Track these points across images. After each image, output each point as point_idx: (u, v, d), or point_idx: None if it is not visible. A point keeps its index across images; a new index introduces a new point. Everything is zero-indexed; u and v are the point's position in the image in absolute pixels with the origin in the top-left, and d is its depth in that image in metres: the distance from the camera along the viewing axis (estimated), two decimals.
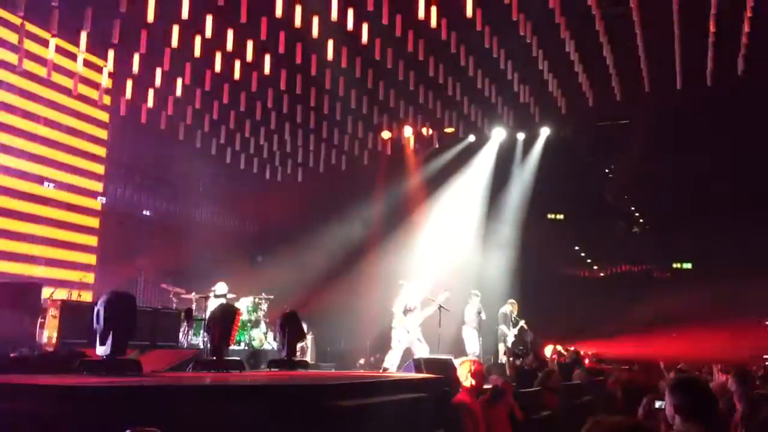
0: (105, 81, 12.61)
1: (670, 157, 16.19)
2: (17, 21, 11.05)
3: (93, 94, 13.09)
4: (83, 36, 10.80)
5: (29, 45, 11.38)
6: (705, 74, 12.53)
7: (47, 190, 12.77)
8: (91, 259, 13.20)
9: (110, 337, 5.90)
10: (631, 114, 15.60)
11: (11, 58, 11.58)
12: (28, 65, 11.75)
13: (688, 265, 20.21)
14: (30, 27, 11.26)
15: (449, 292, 12.13)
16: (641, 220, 20.57)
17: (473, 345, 12.85)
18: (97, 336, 5.98)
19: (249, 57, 11.55)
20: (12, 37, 11.43)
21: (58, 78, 12.33)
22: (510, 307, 13.76)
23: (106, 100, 13.20)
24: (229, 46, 11.18)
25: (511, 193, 17.27)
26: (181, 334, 10.50)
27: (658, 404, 6.01)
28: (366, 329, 14.19)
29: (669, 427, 3.83)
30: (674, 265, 20.36)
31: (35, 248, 12.36)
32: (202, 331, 10.70)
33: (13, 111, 12.27)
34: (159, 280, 12.42)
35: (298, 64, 11.79)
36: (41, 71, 11.89)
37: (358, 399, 5.40)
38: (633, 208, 20.34)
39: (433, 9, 10.46)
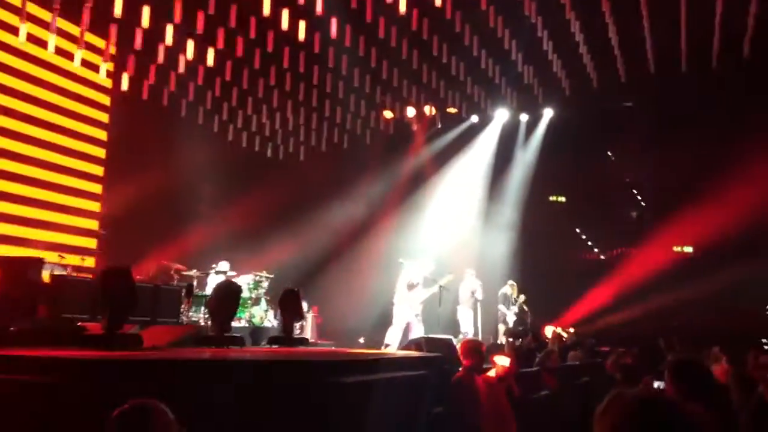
0: (106, 61, 12.55)
1: (673, 138, 16.09)
2: (18, 2, 10.98)
3: (93, 76, 13.04)
4: (86, 11, 10.73)
5: (30, 27, 11.31)
6: (711, 56, 12.45)
7: (50, 175, 12.77)
8: (91, 243, 13.23)
9: (109, 312, 5.92)
10: (636, 96, 15.51)
11: (11, 39, 11.53)
12: (29, 47, 11.72)
13: (689, 249, 20.21)
14: (31, 7, 11.17)
15: (453, 274, 12.18)
16: (643, 204, 20.52)
17: (467, 324, 12.92)
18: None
19: (251, 34, 11.47)
20: (12, 19, 11.34)
21: (58, 60, 12.28)
22: (509, 288, 13.81)
23: (107, 82, 13.13)
24: (232, 23, 11.10)
25: (513, 174, 17.23)
26: (181, 311, 10.53)
27: (656, 384, 6.04)
28: (366, 307, 14.24)
29: None
30: (675, 249, 20.35)
31: (36, 232, 12.37)
32: (202, 308, 10.76)
33: (14, 94, 12.23)
34: (161, 257, 12.44)
35: (301, 41, 11.72)
36: (42, 53, 11.85)
37: (357, 376, 5.42)
38: (635, 191, 20.29)
39: None
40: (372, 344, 12.74)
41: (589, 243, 20.26)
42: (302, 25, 11.31)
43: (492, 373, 6.53)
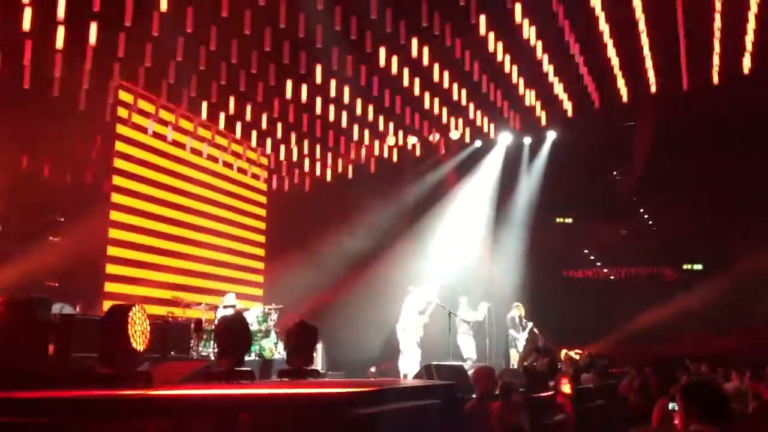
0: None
1: (678, 157, 16.11)
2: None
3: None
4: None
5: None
6: (711, 73, 12.50)
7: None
8: None
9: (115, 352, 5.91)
10: (638, 116, 15.55)
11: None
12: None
13: (698, 266, 20.10)
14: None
15: (491, 303, 12.24)
16: (650, 222, 20.47)
17: (469, 350, 12.76)
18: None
19: (253, 68, 11.58)
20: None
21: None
22: (517, 311, 13.70)
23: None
24: (233, 59, 11.21)
25: (518, 196, 17.23)
26: (190, 346, 10.51)
27: (671, 406, 5.98)
28: (376, 337, 14.19)
29: (684, 430, 3.80)
30: (685, 267, 20.25)
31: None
32: (211, 342, 10.72)
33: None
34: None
35: (302, 73, 11.82)
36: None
37: (371, 407, 5.38)
38: (642, 210, 20.24)
39: (437, 16, 10.48)
40: (382, 374, 12.68)
41: (599, 263, 20.18)
42: (303, 56, 11.42)
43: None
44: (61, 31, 9.66)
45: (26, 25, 9.29)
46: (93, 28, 9.77)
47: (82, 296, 11.26)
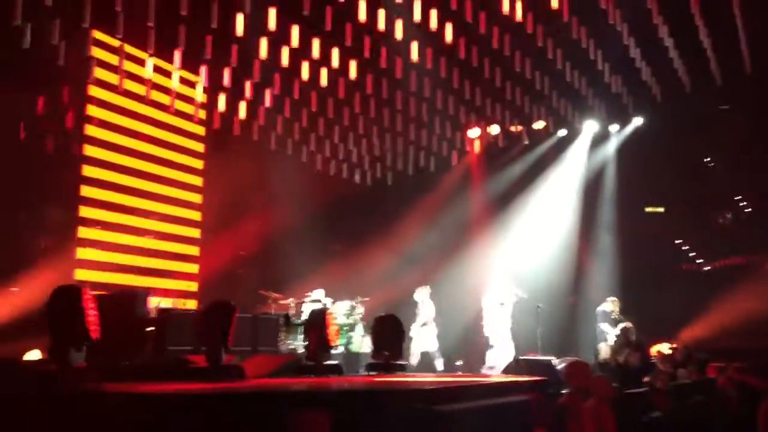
0: (199, 96, 13.11)
1: None
2: (116, 43, 11.61)
3: (189, 109, 13.60)
4: (177, 54, 11.23)
5: (128, 65, 11.94)
6: None
7: (151, 204, 13.36)
8: (194, 268, 13.67)
9: (211, 344, 6.07)
10: (732, 98, 14.84)
11: (112, 78, 12.19)
12: (128, 85, 12.36)
13: None
14: (128, 48, 11.80)
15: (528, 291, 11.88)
16: (747, 209, 19.52)
17: (496, 338, 12.04)
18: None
19: (335, 63, 11.68)
20: (112, 59, 12.00)
21: (156, 95, 12.90)
22: (611, 305, 13.30)
23: (201, 114, 13.66)
24: (316, 54, 11.34)
25: (606, 187, 16.73)
26: (279, 340, 10.70)
27: None
28: (461, 330, 14.09)
29: None
30: None
31: (141, 260, 12.93)
32: (299, 336, 10.91)
33: (117, 129, 12.89)
34: (258, 286, 12.72)
35: (383, 68, 11.84)
36: (140, 90, 12.48)
37: (457, 403, 5.33)
38: (739, 197, 19.32)
39: (518, 3, 10.30)
40: (467, 368, 12.60)
41: (692, 254, 19.39)
42: (383, 51, 11.43)
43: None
44: None
45: None
46: None
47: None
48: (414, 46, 11.30)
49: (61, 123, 12.35)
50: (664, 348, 12.31)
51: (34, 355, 8.53)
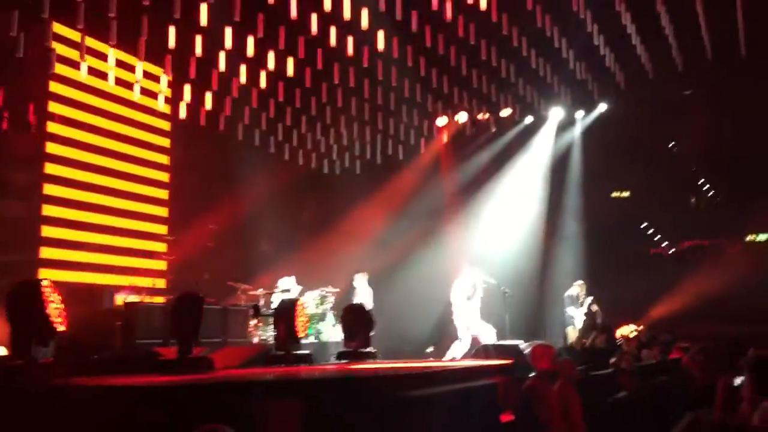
0: (164, 89, 12.97)
1: (738, 125, 15.56)
2: (77, 36, 11.41)
3: (153, 103, 13.44)
4: (141, 43, 11.05)
5: (90, 60, 11.73)
6: None
7: (116, 201, 13.19)
8: (161, 264, 13.56)
9: (181, 337, 6.06)
10: (694, 84, 15.09)
11: (73, 73, 11.99)
12: (90, 80, 12.17)
13: (763, 237, 19.48)
14: (89, 41, 11.59)
15: (496, 278, 11.94)
16: (711, 193, 19.89)
17: (463, 328, 11.71)
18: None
19: (301, 54, 11.64)
20: (73, 54, 11.79)
21: (119, 90, 12.72)
22: (578, 289, 13.54)
23: (166, 108, 13.53)
24: (281, 45, 11.29)
25: (572, 172, 16.95)
26: (249, 330, 10.69)
27: (737, 382, 5.82)
28: (429, 318, 14.20)
29: (749, 405, 3.71)
30: (748, 238, 19.64)
31: (107, 258, 12.78)
32: (269, 327, 10.91)
33: (79, 126, 12.70)
34: (226, 278, 12.66)
35: (349, 57, 11.82)
36: (103, 84, 12.30)
37: (427, 388, 5.40)
38: (702, 181, 19.68)
39: None
40: (441, 355, 12.70)
41: (657, 237, 19.73)
42: (350, 40, 11.41)
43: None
44: None
45: None
46: None
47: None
48: (380, 35, 11.30)
49: (23, 118, 12.13)
50: (629, 330, 12.56)
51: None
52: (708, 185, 19.97)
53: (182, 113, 13.02)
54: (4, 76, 11.54)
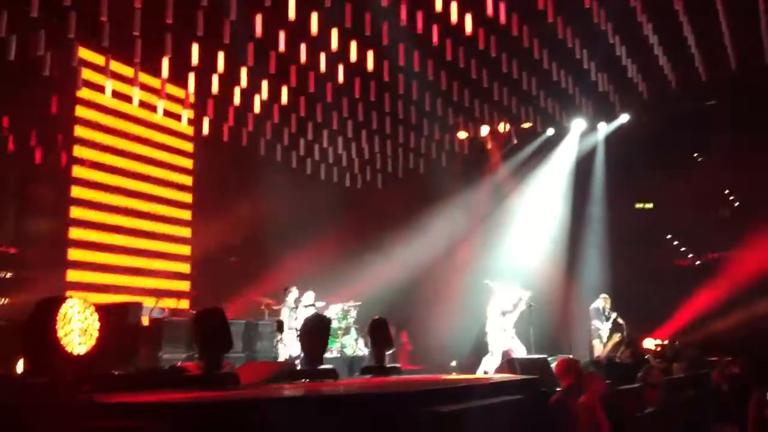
0: (186, 109, 13.13)
1: (763, 137, 15.37)
2: (101, 60, 11.53)
3: (176, 125, 13.63)
4: (165, 62, 11.18)
5: (114, 84, 11.87)
6: None
7: (141, 222, 13.36)
8: (185, 286, 13.65)
9: (206, 352, 6.07)
10: (718, 94, 14.95)
11: (99, 97, 12.17)
12: (114, 103, 12.37)
13: None
14: (114, 65, 11.70)
15: (531, 290, 11.85)
16: (736, 204, 19.63)
17: (496, 344, 11.92)
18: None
19: (322, 68, 11.71)
20: (98, 78, 11.92)
21: (143, 113, 12.92)
22: (603, 302, 13.37)
23: (189, 129, 13.67)
24: (303, 59, 11.37)
25: (595, 184, 16.83)
26: (274, 346, 10.70)
27: None
28: (455, 331, 14.12)
29: None
30: None
31: (131, 279, 12.92)
32: (294, 342, 10.89)
33: (105, 149, 12.89)
34: (249, 294, 12.71)
35: (370, 71, 11.87)
36: (127, 108, 12.49)
37: (454, 404, 5.35)
38: (726, 192, 19.43)
39: (502, 5, 10.35)
40: (464, 369, 12.60)
41: (683, 249, 19.49)
42: (370, 55, 11.46)
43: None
44: None
45: None
46: None
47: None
48: (401, 50, 11.34)
49: (51, 138, 12.37)
50: (653, 344, 12.39)
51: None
52: (732, 196, 19.72)
53: (205, 129, 13.16)
54: (31, 97, 11.74)
